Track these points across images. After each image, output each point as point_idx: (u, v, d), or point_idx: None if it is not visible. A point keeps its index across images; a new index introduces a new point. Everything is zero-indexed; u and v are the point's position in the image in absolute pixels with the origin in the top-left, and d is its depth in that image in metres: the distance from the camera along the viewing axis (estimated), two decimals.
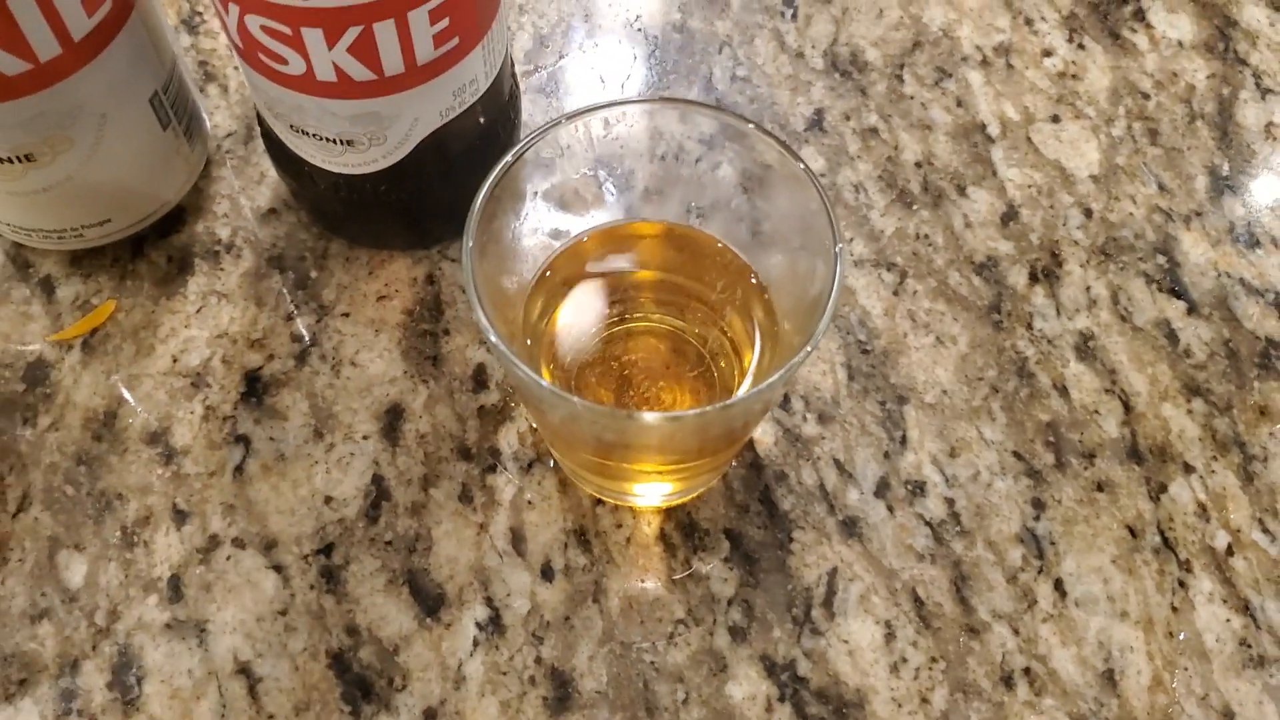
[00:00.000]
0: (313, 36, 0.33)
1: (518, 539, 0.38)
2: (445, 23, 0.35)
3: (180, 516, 0.39)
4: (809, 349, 0.29)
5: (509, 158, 0.33)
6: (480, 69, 0.38)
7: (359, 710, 0.36)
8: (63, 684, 0.36)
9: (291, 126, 0.38)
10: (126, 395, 0.41)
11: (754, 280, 0.36)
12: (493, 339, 0.29)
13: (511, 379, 0.29)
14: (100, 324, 0.43)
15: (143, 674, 0.36)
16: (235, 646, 0.37)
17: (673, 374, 0.38)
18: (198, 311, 0.43)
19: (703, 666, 0.37)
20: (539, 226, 0.36)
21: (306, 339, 0.42)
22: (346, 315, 0.43)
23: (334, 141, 0.38)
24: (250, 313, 0.43)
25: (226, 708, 0.36)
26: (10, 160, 0.38)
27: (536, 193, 0.35)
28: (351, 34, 0.33)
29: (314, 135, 0.38)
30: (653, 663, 0.37)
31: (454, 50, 0.36)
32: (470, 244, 0.31)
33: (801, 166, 0.32)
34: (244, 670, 0.37)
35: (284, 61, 0.34)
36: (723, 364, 0.37)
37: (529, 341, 0.36)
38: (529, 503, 0.39)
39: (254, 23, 0.33)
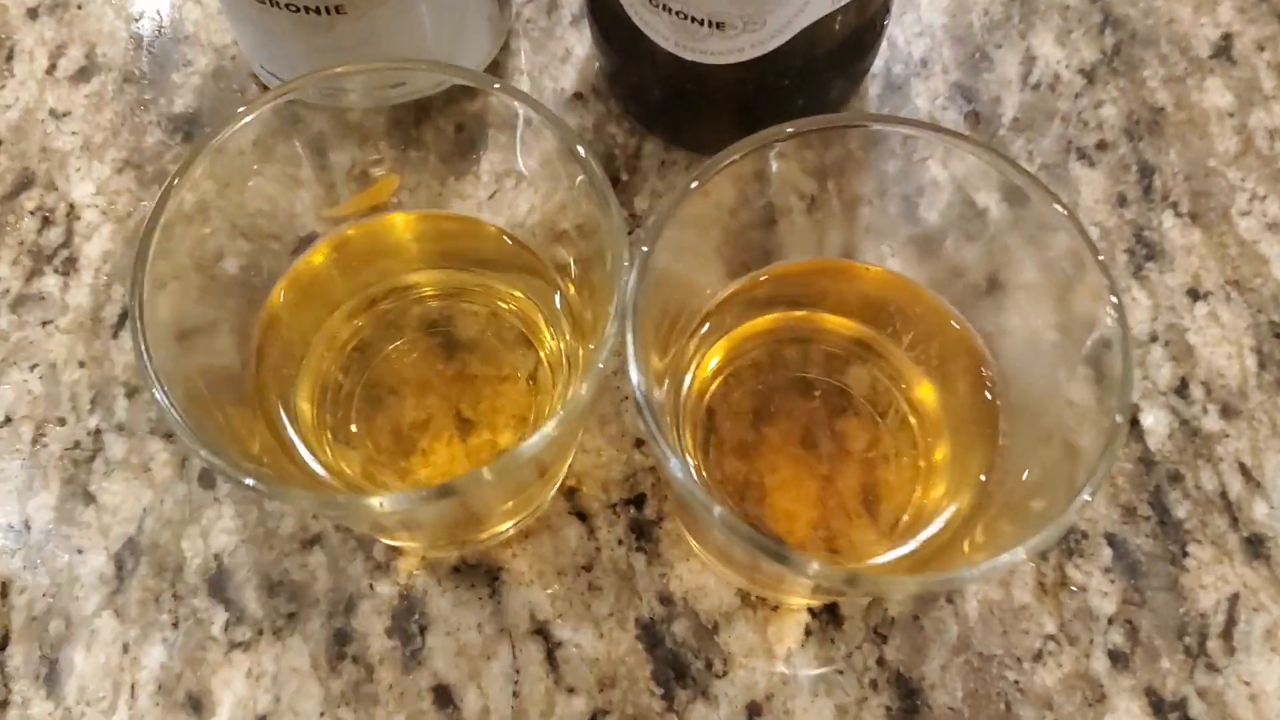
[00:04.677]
0: None
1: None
2: None
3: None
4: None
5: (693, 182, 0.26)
6: None
7: (671, 694, 0.31)
8: (335, 624, 0.32)
9: (652, 1, 0.32)
10: None
11: (981, 358, 0.29)
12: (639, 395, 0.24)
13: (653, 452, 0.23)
14: (380, 203, 0.37)
15: (426, 622, 0.32)
16: (533, 602, 0.32)
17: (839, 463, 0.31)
18: (490, 197, 0.37)
19: (1076, 694, 0.31)
20: (717, 253, 0.30)
21: None
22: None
23: (701, 23, 0.31)
24: (553, 202, 0.37)
25: (520, 673, 0.31)
26: (319, 10, 0.32)
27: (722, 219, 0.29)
28: None
29: (678, 13, 0.31)
30: (1017, 682, 0.31)
31: None
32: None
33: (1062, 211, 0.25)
34: (541, 631, 0.32)
35: None
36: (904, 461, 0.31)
37: (671, 393, 0.30)
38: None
39: None
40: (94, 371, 0.35)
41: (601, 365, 0.24)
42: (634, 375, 0.24)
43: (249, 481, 0.22)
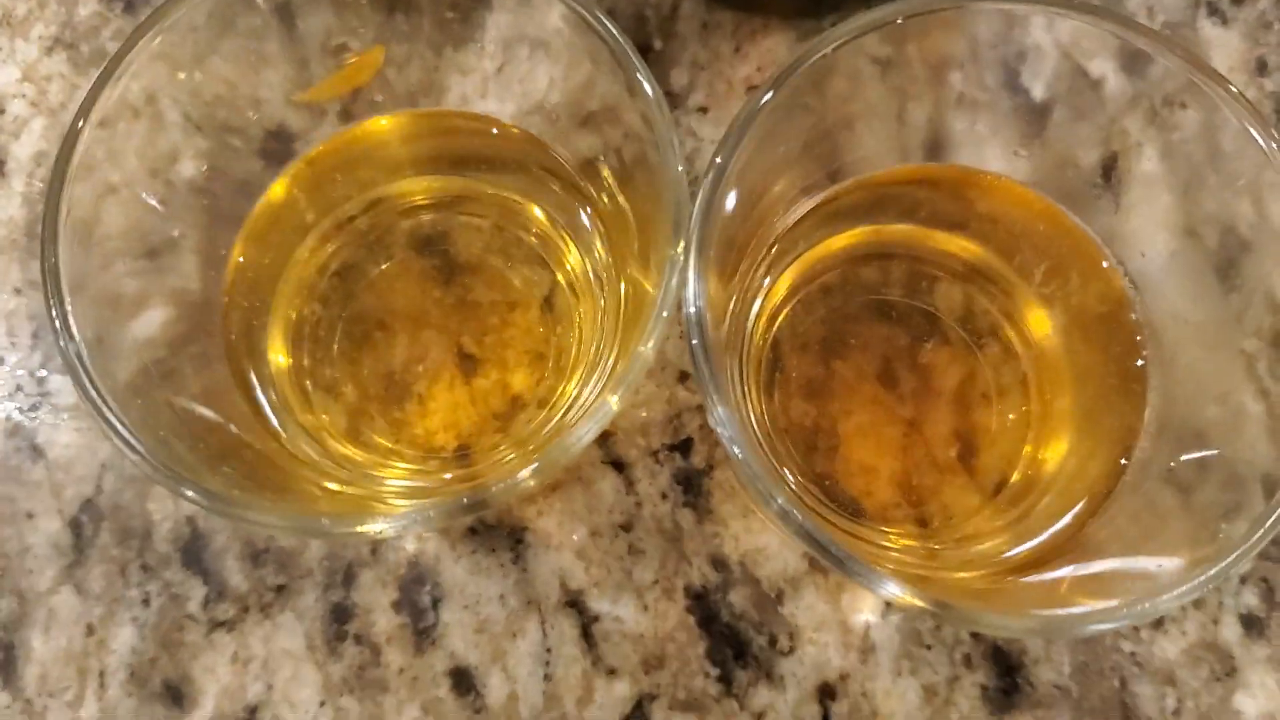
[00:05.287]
0: None
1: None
2: None
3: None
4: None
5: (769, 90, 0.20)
6: None
7: (729, 676, 0.27)
8: (333, 597, 0.27)
9: None
10: None
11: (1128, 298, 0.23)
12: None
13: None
14: (364, 83, 0.31)
15: (439, 594, 0.27)
16: (563, 569, 0.27)
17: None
18: (498, 71, 0.31)
19: (1202, 667, 0.27)
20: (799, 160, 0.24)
21: None
22: (704, 111, 0.31)
23: None
24: (578, 75, 0.30)
25: (552, 653, 0.27)
26: None
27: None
28: None
29: None
30: (1133, 654, 0.27)
31: None
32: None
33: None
34: (575, 603, 0.27)
35: None
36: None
37: (734, 327, 0.24)
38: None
39: None
40: (34, 299, 0.29)
41: (667, 315, 0.19)
42: (691, 305, 0.19)
43: (189, 493, 0.17)
